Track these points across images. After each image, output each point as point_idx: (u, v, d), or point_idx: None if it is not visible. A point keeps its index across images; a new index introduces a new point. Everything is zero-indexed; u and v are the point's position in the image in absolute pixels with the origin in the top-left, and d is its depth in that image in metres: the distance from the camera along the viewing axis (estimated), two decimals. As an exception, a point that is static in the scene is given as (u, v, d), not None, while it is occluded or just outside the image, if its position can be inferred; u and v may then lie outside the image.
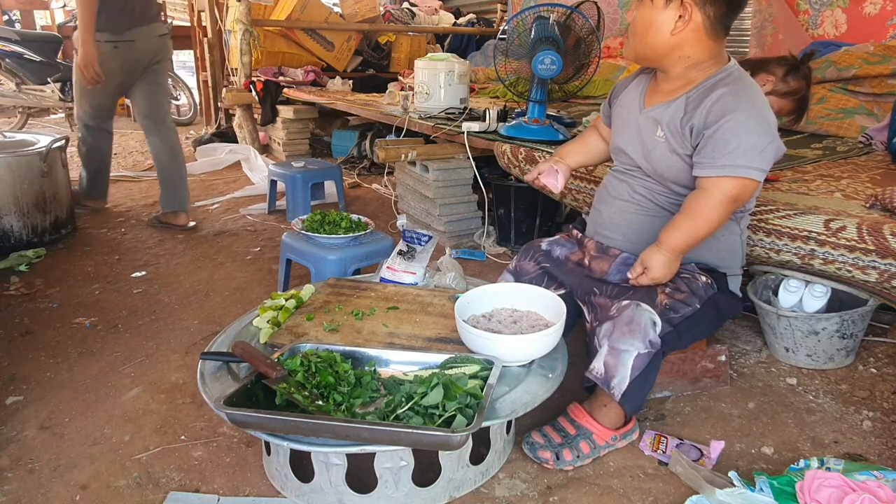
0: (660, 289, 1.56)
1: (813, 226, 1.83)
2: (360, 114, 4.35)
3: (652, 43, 1.54)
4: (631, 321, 1.48)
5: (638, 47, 1.57)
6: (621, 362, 1.46)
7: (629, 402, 1.48)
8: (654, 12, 1.50)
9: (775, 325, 1.99)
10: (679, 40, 1.51)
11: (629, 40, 1.61)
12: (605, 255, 1.73)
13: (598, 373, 1.49)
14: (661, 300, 1.54)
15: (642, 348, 1.46)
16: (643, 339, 1.46)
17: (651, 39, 1.53)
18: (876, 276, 1.73)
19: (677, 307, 1.54)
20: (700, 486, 1.39)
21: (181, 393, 1.87)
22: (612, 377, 1.47)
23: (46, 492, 1.49)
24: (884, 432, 1.67)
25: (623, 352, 1.46)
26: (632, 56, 1.62)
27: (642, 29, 1.54)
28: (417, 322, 1.70)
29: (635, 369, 1.46)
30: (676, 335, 1.54)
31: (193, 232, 3.38)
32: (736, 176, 1.44)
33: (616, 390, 1.47)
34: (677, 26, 1.49)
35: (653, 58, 1.57)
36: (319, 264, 2.24)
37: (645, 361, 1.46)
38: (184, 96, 7.20)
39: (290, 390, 1.31)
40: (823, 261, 1.82)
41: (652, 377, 1.51)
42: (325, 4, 5.89)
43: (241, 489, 1.49)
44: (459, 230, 3.20)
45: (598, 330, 1.53)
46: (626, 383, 1.46)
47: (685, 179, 1.57)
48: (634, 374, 1.46)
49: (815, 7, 3.90)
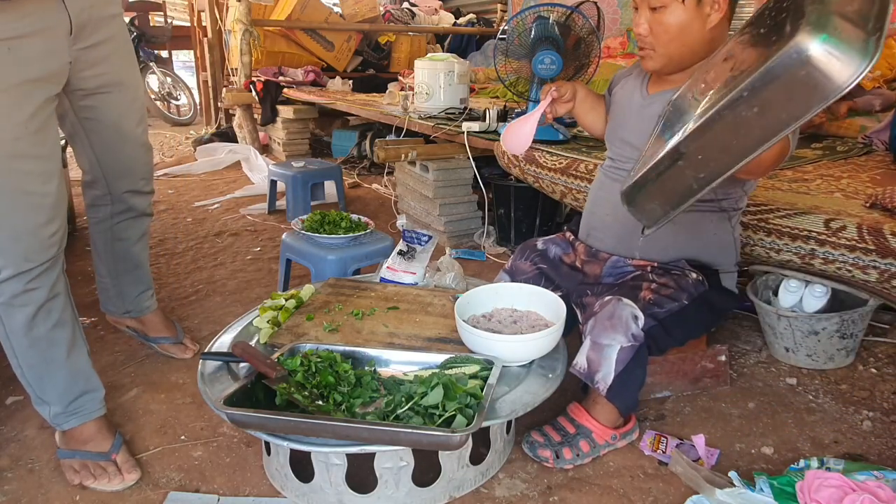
0: (644, 284, 1.57)
1: (813, 225, 1.83)
2: (360, 114, 4.35)
3: (690, 43, 1.50)
4: (612, 316, 1.49)
5: (673, 52, 1.52)
6: (604, 356, 1.47)
7: (617, 396, 1.49)
8: (687, 12, 1.47)
9: (775, 325, 1.99)
10: (715, 33, 1.50)
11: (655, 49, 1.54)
12: (595, 260, 1.74)
13: (581, 368, 1.50)
14: (645, 295, 1.54)
15: (625, 342, 1.47)
16: (625, 332, 1.47)
17: (689, 39, 1.50)
18: (876, 276, 1.73)
19: (662, 302, 1.55)
20: (700, 486, 1.39)
21: (181, 393, 1.87)
22: (596, 371, 1.48)
23: (46, 492, 1.49)
24: (884, 432, 1.67)
25: (605, 346, 1.47)
26: (661, 64, 1.56)
27: (676, 32, 1.49)
28: (417, 322, 1.70)
29: (619, 363, 1.46)
30: (663, 330, 1.54)
31: (193, 232, 3.38)
32: None
33: (601, 384, 1.47)
34: (712, 20, 1.47)
35: (689, 58, 1.53)
36: (319, 264, 2.24)
37: (629, 355, 1.47)
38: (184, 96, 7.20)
39: (290, 390, 1.31)
40: (823, 260, 1.82)
41: (639, 372, 1.51)
42: (325, 4, 5.88)
43: (241, 489, 1.49)
44: (459, 230, 3.20)
45: (584, 328, 1.54)
46: (611, 377, 1.46)
47: None
48: (619, 369, 1.46)
49: (816, 7, 3.90)
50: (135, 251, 1.93)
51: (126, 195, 1.83)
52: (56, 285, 1.48)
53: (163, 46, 7.34)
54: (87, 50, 1.52)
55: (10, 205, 1.39)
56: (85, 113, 1.62)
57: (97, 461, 1.51)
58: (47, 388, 1.52)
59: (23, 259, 1.41)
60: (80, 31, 1.48)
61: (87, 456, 1.52)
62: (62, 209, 1.48)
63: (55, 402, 1.53)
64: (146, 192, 1.88)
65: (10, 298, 1.43)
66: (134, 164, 1.79)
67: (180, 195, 4.12)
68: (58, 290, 1.49)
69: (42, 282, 1.45)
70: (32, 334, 1.47)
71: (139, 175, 1.82)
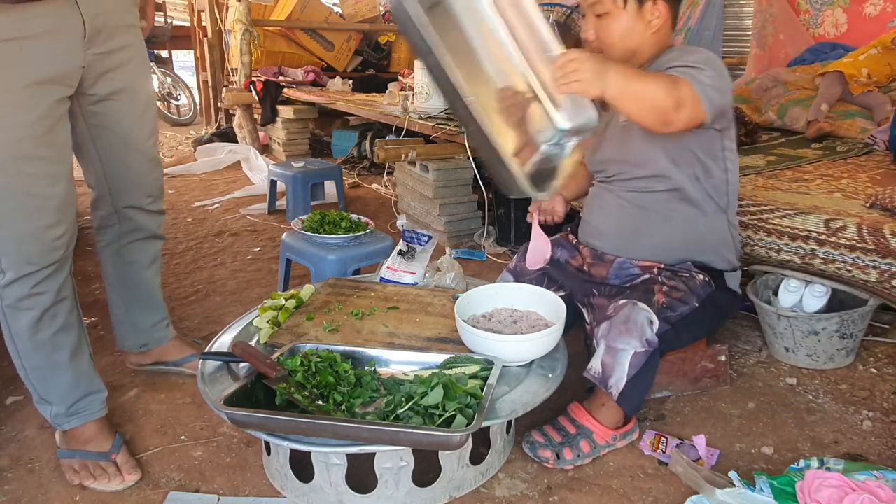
0: (657, 287, 1.57)
1: (813, 225, 1.83)
2: (360, 114, 4.35)
3: (634, 46, 1.57)
4: (627, 320, 1.48)
5: (619, 55, 1.57)
6: (618, 361, 1.47)
7: (627, 401, 1.49)
8: (629, 18, 1.54)
9: (775, 325, 1.99)
10: (659, 36, 1.57)
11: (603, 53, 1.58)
12: (601, 262, 1.74)
13: (596, 372, 1.49)
14: (659, 299, 1.54)
15: (639, 347, 1.46)
16: (640, 337, 1.47)
17: (633, 43, 1.57)
18: (876, 276, 1.74)
19: (675, 306, 1.55)
20: (700, 486, 1.39)
21: (181, 393, 1.87)
22: (610, 376, 1.47)
23: (46, 492, 1.49)
24: (884, 432, 1.67)
25: (620, 351, 1.47)
26: None
27: (620, 36, 1.56)
28: (417, 322, 1.70)
29: (633, 368, 1.46)
30: (675, 334, 1.54)
31: (193, 232, 3.38)
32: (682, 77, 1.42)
33: (614, 389, 1.47)
34: (654, 24, 1.55)
35: (635, 60, 1.59)
36: (319, 264, 2.24)
37: (642, 360, 1.47)
38: (184, 96, 7.20)
39: (290, 390, 1.31)
40: (824, 260, 1.82)
41: (650, 376, 1.52)
42: (325, 4, 5.89)
43: (241, 489, 1.49)
44: (459, 230, 3.20)
45: (597, 330, 1.53)
46: (623, 382, 1.46)
47: (662, 160, 1.59)
48: (632, 373, 1.46)
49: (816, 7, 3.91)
50: (146, 277, 1.85)
51: (132, 212, 1.74)
52: (62, 289, 1.47)
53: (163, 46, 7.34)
54: (102, 56, 1.50)
55: (13, 206, 1.37)
56: (94, 119, 1.58)
57: (97, 461, 1.51)
58: (50, 389, 1.52)
59: (25, 262, 1.40)
60: (95, 35, 1.46)
61: (87, 456, 1.52)
62: (70, 212, 1.46)
63: (57, 402, 1.53)
64: (154, 211, 1.78)
65: (15, 302, 1.42)
66: (141, 179, 1.71)
67: (180, 195, 4.12)
68: (64, 293, 1.48)
69: (48, 286, 1.44)
70: (37, 338, 1.47)
71: (146, 191, 1.73)
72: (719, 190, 1.64)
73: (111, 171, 1.67)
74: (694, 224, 1.64)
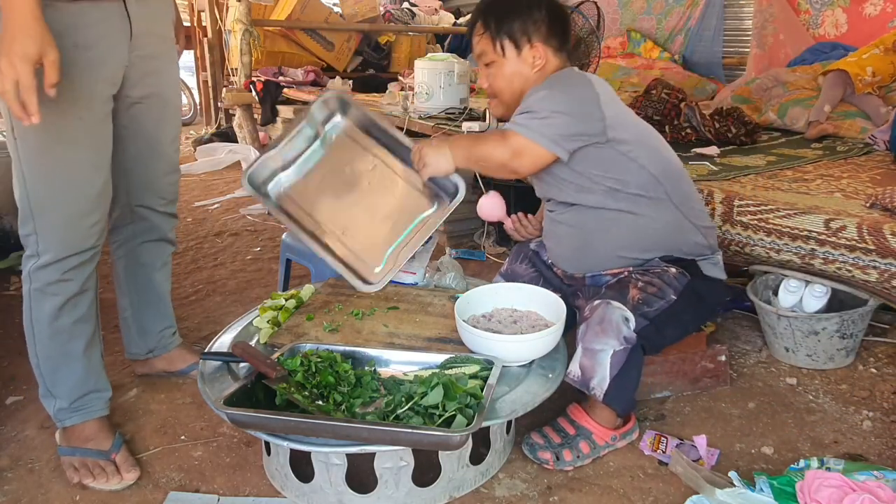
0: (632, 284, 1.58)
1: (813, 225, 1.83)
2: (360, 114, 4.34)
3: (521, 87, 1.67)
4: (602, 320, 1.49)
5: (511, 99, 1.69)
6: (598, 362, 1.47)
7: (614, 400, 1.49)
8: (512, 63, 1.66)
9: (775, 325, 1.99)
10: (547, 69, 1.67)
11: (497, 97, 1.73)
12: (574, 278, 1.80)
13: (575, 376, 1.51)
14: (634, 295, 1.55)
15: (617, 346, 1.47)
16: (617, 336, 1.48)
17: (521, 86, 1.67)
18: (876, 276, 1.74)
19: (651, 301, 1.55)
20: (700, 486, 1.39)
21: (181, 393, 1.87)
22: (591, 378, 1.48)
23: (46, 492, 1.49)
24: (884, 432, 1.67)
25: (598, 352, 1.47)
26: (505, 108, 1.73)
27: (509, 80, 1.68)
28: (417, 322, 1.70)
29: (614, 367, 1.47)
30: (655, 329, 1.54)
31: (193, 232, 3.38)
32: (515, 131, 1.58)
33: (597, 391, 1.48)
34: (536, 64, 1.65)
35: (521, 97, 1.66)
36: (319, 264, 2.23)
37: (623, 358, 1.47)
38: (184, 96, 7.20)
39: (290, 390, 1.31)
40: (824, 260, 1.82)
41: (635, 374, 1.52)
42: (325, 4, 5.88)
43: (241, 489, 1.49)
44: (459, 230, 3.19)
45: (577, 333, 1.55)
46: (606, 382, 1.47)
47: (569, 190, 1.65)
48: (614, 373, 1.47)
49: (816, 7, 3.91)
50: (156, 279, 1.86)
51: (145, 211, 1.77)
52: (88, 281, 1.54)
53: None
54: (142, 59, 1.56)
55: (59, 189, 1.44)
56: (125, 121, 1.61)
57: (97, 460, 1.51)
58: (59, 381, 1.55)
59: (62, 245, 1.47)
60: (138, 38, 1.53)
61: (87, 454, 1.53)
62: (105, 202, 1.55)
63: (63, 396, 1.55)
64: (168, 213, 1.82)
65: (44, 286, 1.48)
66: (159, 182, 1.76)
67: (180, 195, 4.08)
68: (89, 285, 1.54)
69: (76, 274, 1.50)
70: (56, 325, 1.51)
71: (161, 193, 1.78)
72: (647, 185, 1.62)
73: (132, 169, 1.70)
74: (636, 225, 1.63)
